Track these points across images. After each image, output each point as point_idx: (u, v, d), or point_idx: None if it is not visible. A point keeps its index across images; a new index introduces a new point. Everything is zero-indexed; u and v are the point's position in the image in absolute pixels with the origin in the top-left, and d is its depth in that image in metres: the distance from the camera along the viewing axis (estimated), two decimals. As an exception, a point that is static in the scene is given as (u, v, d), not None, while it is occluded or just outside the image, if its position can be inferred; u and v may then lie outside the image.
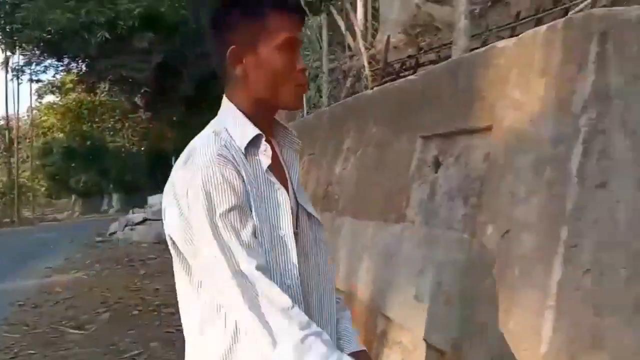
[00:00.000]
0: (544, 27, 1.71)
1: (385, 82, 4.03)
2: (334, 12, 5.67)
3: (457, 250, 1.97)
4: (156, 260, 8.54)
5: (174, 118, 13.69)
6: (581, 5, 4.06)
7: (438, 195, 2.24)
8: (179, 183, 1.09)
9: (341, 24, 5.59)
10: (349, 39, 5.76)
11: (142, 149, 22.99)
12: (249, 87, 1.16)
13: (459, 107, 2.12)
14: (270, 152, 1.16)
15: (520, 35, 1.83)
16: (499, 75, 1.89)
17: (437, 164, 2.29)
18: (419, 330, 2.10)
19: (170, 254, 1.17)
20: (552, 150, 1.62)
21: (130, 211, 14.24)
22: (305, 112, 5.93)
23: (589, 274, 1.52)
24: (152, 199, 14.13)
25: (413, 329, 2.17)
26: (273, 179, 1.15)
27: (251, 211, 1.08)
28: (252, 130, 1.14)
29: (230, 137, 1.14)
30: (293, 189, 1.25)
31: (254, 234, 1.07)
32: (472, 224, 1.96)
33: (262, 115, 1.19)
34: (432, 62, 3.79)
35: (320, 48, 5.53)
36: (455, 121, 2.15)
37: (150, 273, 7.61)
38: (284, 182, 1.21)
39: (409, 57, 4.12)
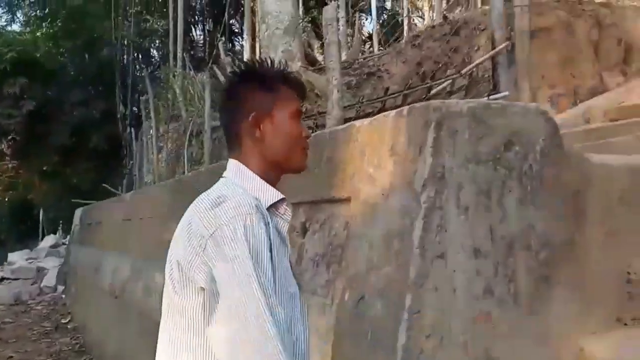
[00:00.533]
0: (393, 112, 1.91)
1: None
2: (218, 72, 5.78)
3: (319, 315, 2.05)
4: (12, 324, 7.72)
5: (45, 167, 12.79)
6: (444, 84, 4.56)
7: (304, 260, 2.33)
8: (209, 222, 1.12)
9: (224, 84, 5.69)
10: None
11: (7, 199, 21.07)
12: (265, 151, 1.27)
13: (323, 177, 2.26)
14: (290, 216, 1.28)
15: (373, 118, 2.03)
16: (356, 151, 2.06)
17: (304, 230, 2.39)
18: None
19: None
20: (399, 223, 1.78)
21: (-13, 269, 12.80)
22: (185, 169, 5.87)
23: (430, 339, 1.66)
24: (12, 256, 12.85)
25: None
26: (288, 241, 1.27)
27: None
28: (277, 194, 1.25)
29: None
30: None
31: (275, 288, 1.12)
32: (333, 289, 2.06)
33: (273, 179, 1.29)
34: (309, 128, 3.99)
35: (202, 106, 5.59)
36: (321, 190, 2.28)
37: (5, 339, 6.86)
38: None
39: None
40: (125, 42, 16.47)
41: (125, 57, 16.77)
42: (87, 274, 7.61)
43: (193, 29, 19.31)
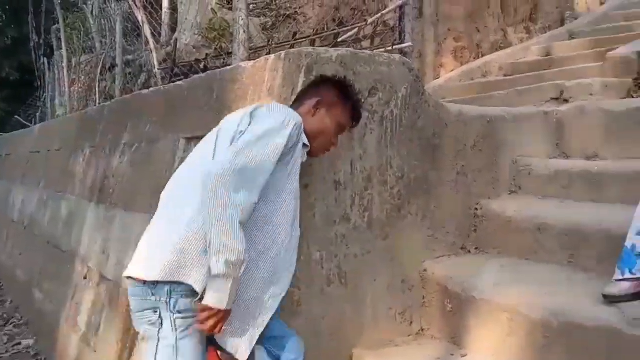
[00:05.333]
0: (272, 56, 2.10)
1: (174, 81, 4.22)
2: (133, 4, 5.64)
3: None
4: None
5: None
6: (350, 33, 4.75)
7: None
8: (275, 106, 1.68)
9: (139, 16, 5.59)
10: (147, 33, 5.78)
11: None
12: (308, 123, 1.71)
13: (213, 114, 2.43)
14: (305, 159, 1.77)
15: (256, 60, 2.20)
16: (241, 91, 2.24)
17: (196, 163, 2.57)
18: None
19: None
20: (270, 156, 2.00)
21: None
22: (97, 103, 5.80)
23: (291, 255, 1.93)
24: None
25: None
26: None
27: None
28: (307, 141, 1.72)
29: None
30: None
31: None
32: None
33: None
34: (217, 67, 4.08)
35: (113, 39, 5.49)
36: (211, 126, 2.44)
37: None
38: None
39: (197, 61, 4.39)
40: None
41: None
42: (-3, 205, 7.44)
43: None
